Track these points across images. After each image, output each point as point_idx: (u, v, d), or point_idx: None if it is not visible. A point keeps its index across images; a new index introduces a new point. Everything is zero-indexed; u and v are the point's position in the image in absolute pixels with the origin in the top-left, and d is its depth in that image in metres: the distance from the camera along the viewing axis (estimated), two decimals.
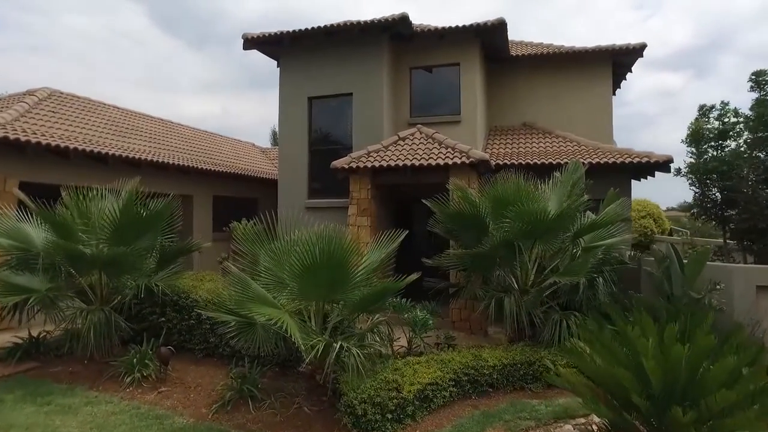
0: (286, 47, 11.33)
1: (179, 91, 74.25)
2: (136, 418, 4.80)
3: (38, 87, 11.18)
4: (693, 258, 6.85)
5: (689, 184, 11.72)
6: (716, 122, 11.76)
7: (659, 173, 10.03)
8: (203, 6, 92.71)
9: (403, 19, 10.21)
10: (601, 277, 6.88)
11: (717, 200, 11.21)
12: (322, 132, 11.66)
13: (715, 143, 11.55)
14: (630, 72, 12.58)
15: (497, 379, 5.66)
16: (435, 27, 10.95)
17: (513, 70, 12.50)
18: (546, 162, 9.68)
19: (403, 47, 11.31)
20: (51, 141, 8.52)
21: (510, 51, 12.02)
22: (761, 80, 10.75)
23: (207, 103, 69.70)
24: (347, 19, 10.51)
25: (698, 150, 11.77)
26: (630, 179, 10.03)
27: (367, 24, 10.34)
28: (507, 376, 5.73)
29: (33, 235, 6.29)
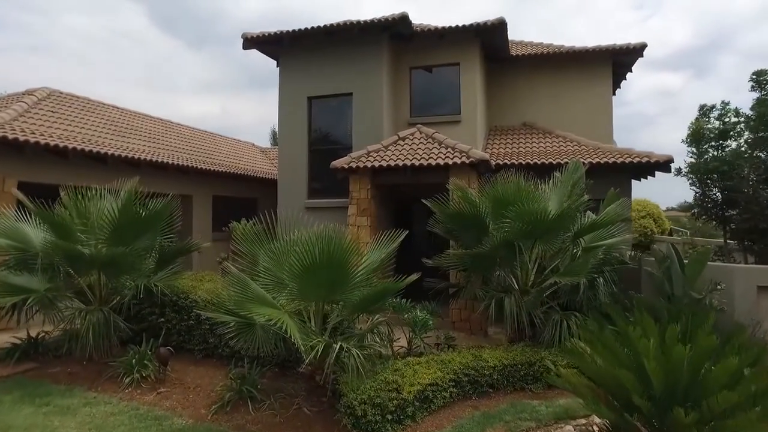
0: (286, 47, 11.32)
1: (179, 91, 74.26)
2: (135, 419, 4.78)
3: (37, 87, 11.15)
4: (694, 258, 6.84)
5: (690, 184, 11.72)
6: (717, 122, 11.74)
7: (659, 173, 10.02)
8: (203, 6, 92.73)
9: (403, 19, 10.20)
10: (602, 278, 6.86)
11: (718, 200, 11.20)
12: (322, 132, 11.64)
13: (716, 143, 11.54)
14: (630, 72, 12.57)
15: (497, 380, 5.65)
16: (435, 27, 10.93)
17: (513, 70, 12.48)
18: (546, 162, 9.66)
19: (403, 47, 11.30)
20: (50, 141, 8.50)
21: (510, 51, 12.00)
22: (762, 80, 10.74)
23: (206, 103, 69.71)
24: (347, 19, 10.49)
25: (699, 150, 11.76)
26: (630, 179, 10.01)
27: (367, 24, 10.32)
28: (507, 377, 5.72)
29: (31, 235, 6.27)
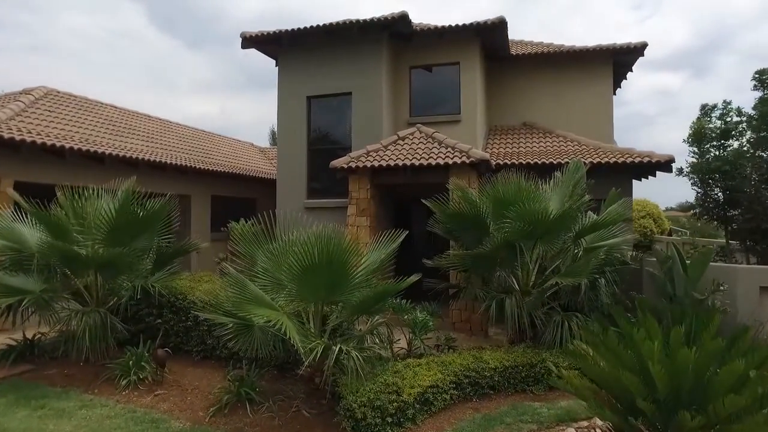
0: (285, 46, 11.25)
1: (178, 91, 74.20)
2: (132, 422, 4.72)
3: (34, 86, 11.08)
4: (696, 259, 6.78)
5: (691, 184, 11.66)
6: (718, 121, 11.69)
7: (659, 173, 9.97)
8: (202, 6, 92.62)
9: (403, 18, 10.13)
10: (603, 278, 6.81)
11: (719, 200, 11.13)
12: (321, 131, 11.57)
13: (718, 143, 11.48)
14: (631, 71, 12.53)
15: (498, 382, 5.60)
16: (435, 26, 10.88)
17: (513, 70, 12.42)
18: (547, 162, 9.61)
19: (403, 46, 11.24)
20: (46, 140, 8.43)
21: (510, 50, 11.95)
22: (765, 79, 10.67)
23: (205, 103, 69.64)
24: (346, 18, 10.43)
25: (700, 149, 11.70)
26: (631, 179, 9.95)
27: (367, 23, 10.26)
28: (508, 379, 5.67)
29: (27, 236, 6.20)
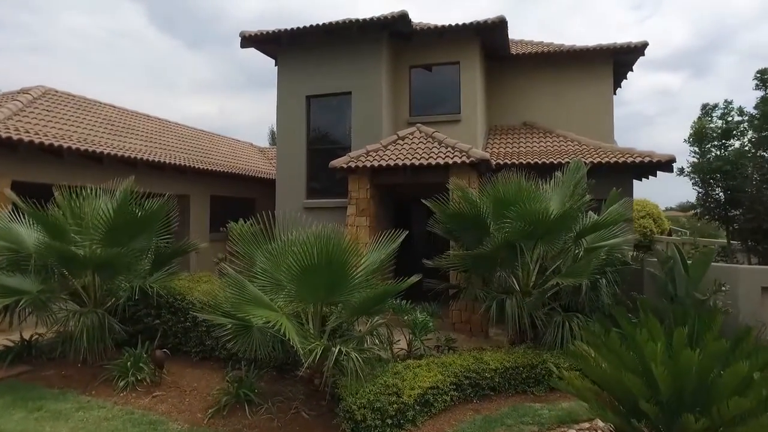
0: (284, 45, 11.21)
1: (177, 91, 74.14)
2: (129, 424, 4.68)
3: (32, 85, 11.03)
4: (697, 259, 6.75)
5: (692, 184, 11.62)
6: (719, 121, 11.64)
7: (659, 173, 9.93)
8: (202, 6, 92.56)
9: (403, 17, 10.09)
10: (604, 279, 6.77)
11: (720, 200, 11.08)
12: (321, 131, 11.53)
13: (719, 142, 11.43)
14: (631, 71, 12.50)
15: (499, 383, 5.56)
16: (435, 25, 10.84)
17: (513, 69, 12.38)
18: (547, 162, 9.57)
19: (403, 46, 11.20)
20: (44, 140, 8.38)
21: (510, 49, 11.91)
22: (767, 78, 10.61)
23: (205, 103, 69.63)
24: (346, 17, 10.39)
25: (701, 149, 11.65)
26: (632, 179, 9.91)
27: (366, 22, 10.22)
28: (509, 380, 5.63)
29: (25, 236, 6.16)
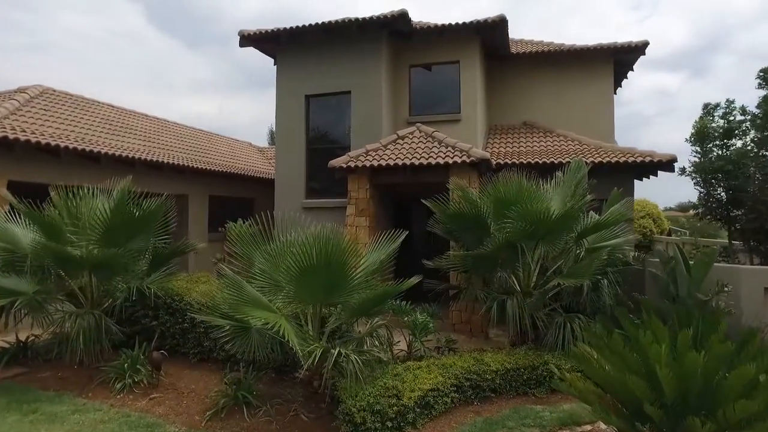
0: (283, 44, 11.15)
1: (176, 91, 74.04)
2: (126, 427, 4.62)
3: (30, 84, 10.96)
4: (699, 259, 6.70)
5: (694, 184, 11.56)
6: (721, 120, 11.59)
7: (660, 173, 9.88)
8: (201, 6, 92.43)
9: (402, 16, 10.04)
10: (606, 279, 6.72)
11: (722, 200, 11.02)
12: (320, 131, 11.47)
13: (721, 142, 11.37)
14: (632, 70, 12.45)
15: (500, 385, 5.51)
16: (435, 24, 10.79)
17: (513, 69, 12.33)
18: (548, 161, 9.52)
19: (402, 45, 11.14)
20: (41, 139, 8.30)
21: (510, 49, 11.86)
22: None
23: (204, 103, 69.57)
24: (345, 16, 10.34)
25: (703, 149, 11.59)
26: (632, 179, 9.86)
27: (366, 21, 10.17)
28: (510, 381, 5.58)
29: (20, 236, 6.08)
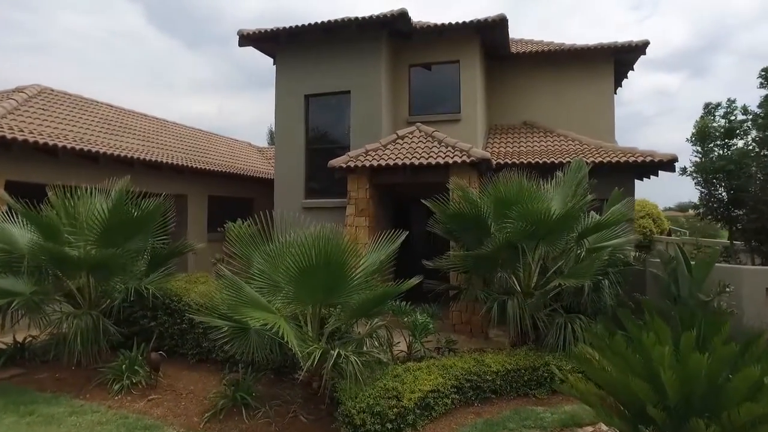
0: (283, 44, 11.10)
1: (177, 91, 74.02)
2: (123, 429, 4.57)
3: (28, 84, 10.91)
4: (701, 260, 6.68)
5: (695, 184, 11.51)
6: (722, 120, 11.54)
7: (661, 173, 9.84)
8: (201, 6, 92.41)
9: (402, 15, 10.00)
10: (607, 279, 6.70)
11: (724, 200, 10.97)
12: (320, 131, 11.43)
13: (722, 141, 11.33)
14: (632, 70, 12.42)
15: (500, 386, 5.48)
16: (434, 23, 10.74)
17: (514, 68, 12.29)
18: (548, 161, 9.48)
19: (402, 44, 11.10)
20: (39, 138, 8.25)
21: (510, 48, 11.82)
22: None
23: (204, 103, 69.57)
24: (345, 16, 10.30)
25: (704, 149, 11.54)
26: (633, 179, 9.83)
27: (366, 20, 10.12)
28: (510, 382, 5.55)
29: (18, 236, 6.04)
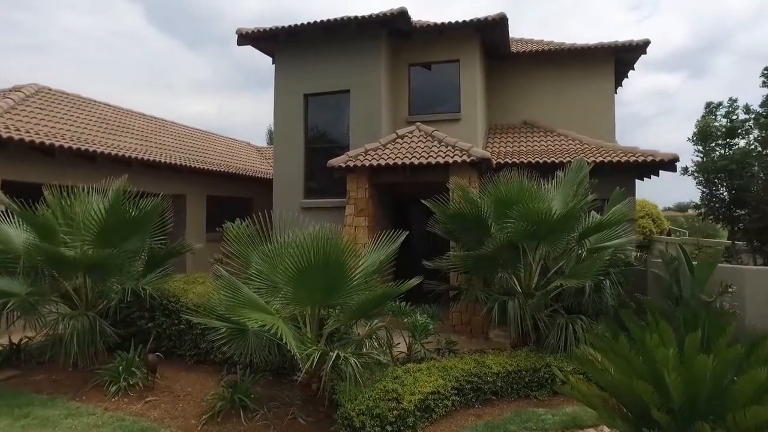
0: (282, 43, 11.04)
1: (176, 91, 73.93)
2: (120, 431, 4.52)
3: (25, 83, 10.85)
4: (703, 260, 6.63)
5: (696, 183, 11.43)
6: (724, 119, 11.49)
7: (662, 173, 9.80)
8: (200, 6, 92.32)
9: (402, 14, 9.94)
10: (608, 280, 6.65)
11: (725, 200, 10.90)
12: (319, 130, 11.37)
13: (723, 141, 11.26)
14: (632, 69, 12.38)
15: (501, 387, 5.44)
16: (434, 22, 10.69)
17: (514, 68, 12.23)
18: (549, 161, 9.43)
19: (402, 43, 11.04)
20: (35, 138, 8.18)
21: (510, 48, 11.78)
22: None
23: (203, 103, 69.47)
24: (344, 14, 10.24)
25: (705, 148, 11.47)
26: (634, 179, 9.78)
27: (365, 19, 10.07)
28: (511, 384, 5.51)
29: (13, 236, 5.99)
